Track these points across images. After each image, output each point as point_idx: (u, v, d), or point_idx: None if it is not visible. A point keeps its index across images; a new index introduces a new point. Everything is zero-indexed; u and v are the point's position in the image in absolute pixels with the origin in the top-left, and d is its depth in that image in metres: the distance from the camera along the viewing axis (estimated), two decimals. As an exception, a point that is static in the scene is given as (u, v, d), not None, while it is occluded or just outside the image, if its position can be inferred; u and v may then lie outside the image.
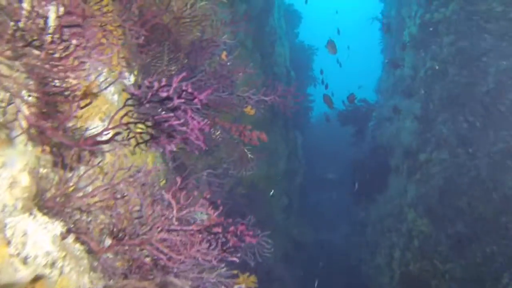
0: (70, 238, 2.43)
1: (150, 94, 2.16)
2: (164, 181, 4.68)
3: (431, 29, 8.55)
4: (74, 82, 2.31)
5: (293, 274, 12.49)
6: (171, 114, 2.20)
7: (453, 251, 6.29)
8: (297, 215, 14.83)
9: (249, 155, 4.95)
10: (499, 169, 6.27)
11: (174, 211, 2.50)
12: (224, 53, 4.22)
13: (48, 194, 2.41)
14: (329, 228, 17.20)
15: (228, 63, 4.35)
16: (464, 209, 6.36)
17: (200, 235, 2.48)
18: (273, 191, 11.06)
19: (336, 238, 16.65)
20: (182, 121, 2.18)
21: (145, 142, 2.46)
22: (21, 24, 1.93)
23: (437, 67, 7.42)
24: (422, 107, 8.73)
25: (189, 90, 2.02)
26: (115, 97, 3.54)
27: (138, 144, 2.49)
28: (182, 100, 2.10)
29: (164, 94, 2.01)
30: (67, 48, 2.05)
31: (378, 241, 11.41)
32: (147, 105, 2.41)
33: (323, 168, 19.39)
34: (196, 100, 2.08)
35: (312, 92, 17.56)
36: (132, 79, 4.04)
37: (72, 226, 2.49)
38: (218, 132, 4.95)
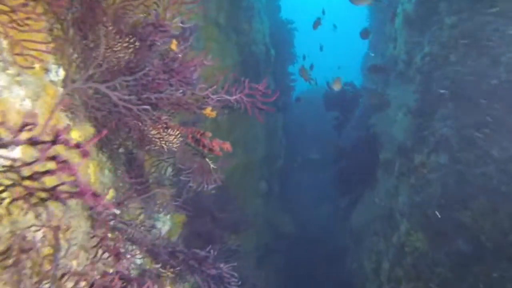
0: None
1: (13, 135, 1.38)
2: (112, 193, 3.97)
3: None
4: None
5: (272, 272, 12.08)
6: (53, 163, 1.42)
7: (452, 273, 5.72)
8: (278, 200, 14.55)
9: (211, 166, 4.19)
10: (510, 180, 5.65)
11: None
12: (174, 42, 3.42)
13: None
14: (312, 209, 17.09)
15: (180, 55, 3.58)
16: (467, 225, 5.77)
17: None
18: None
19: (320, 220, 16.41)
20: (67, 172, 1.41)
21: (23, 198, 1.69)
22: None
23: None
24: (418, 99, 8.00)
25: (62, 136, 1.24)
26: (27, 102, 2.74)
27: (13, 200, 1.72)
28: (56, 146, 1.34)
29: (19, 143, 1.24)
30: None
31: (363, 237, 10.90)
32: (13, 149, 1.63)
33: (306, 148, 19.11)
34: (81, 150, 1.30)
35: (293, 70, 16.95)
36: (61, 73, 3.22)
37: None
38: (173, 138, 4.15)
